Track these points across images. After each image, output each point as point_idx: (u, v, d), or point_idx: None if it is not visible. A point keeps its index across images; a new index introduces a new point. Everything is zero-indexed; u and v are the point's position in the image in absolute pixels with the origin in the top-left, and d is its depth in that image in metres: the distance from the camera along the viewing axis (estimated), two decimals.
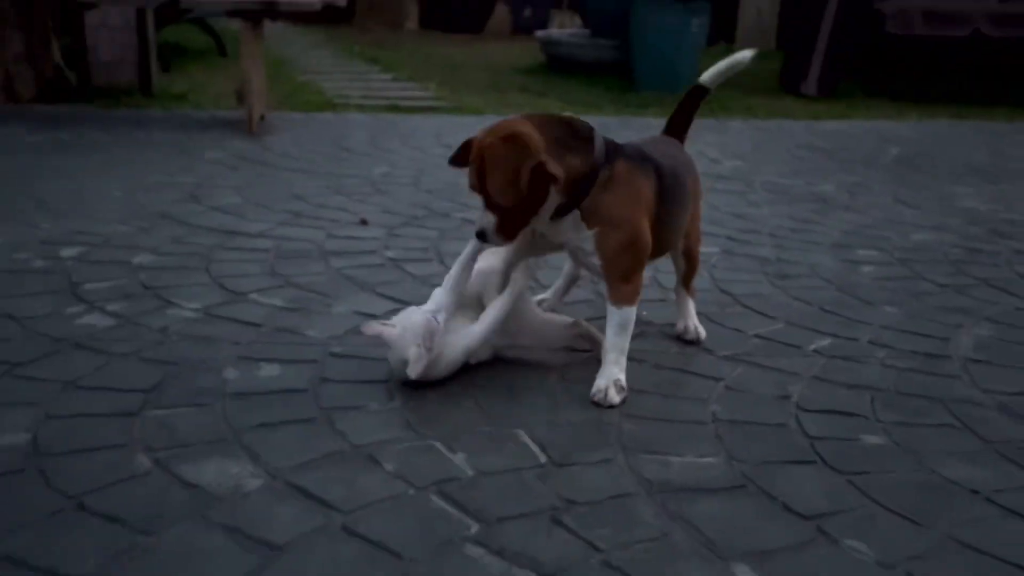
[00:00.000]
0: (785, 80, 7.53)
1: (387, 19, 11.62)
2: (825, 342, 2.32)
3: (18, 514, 1.47)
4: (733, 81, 2.54)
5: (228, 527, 1.46)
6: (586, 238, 1.95)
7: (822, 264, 2.96)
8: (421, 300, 2.03)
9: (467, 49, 9.73)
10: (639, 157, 1.99)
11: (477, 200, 1.94)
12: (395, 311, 2.35)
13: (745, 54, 2.27)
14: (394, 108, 5.76)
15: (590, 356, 2.14)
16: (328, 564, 1.38)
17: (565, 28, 10.32)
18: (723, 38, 10.83)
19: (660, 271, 2.80)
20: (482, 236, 1.92)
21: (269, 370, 2.02)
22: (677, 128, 2.31)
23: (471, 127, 5.20)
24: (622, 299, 1.97)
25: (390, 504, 1.54)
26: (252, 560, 1.38)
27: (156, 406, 1.83)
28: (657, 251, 2.07)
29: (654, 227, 1.99)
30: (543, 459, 1.71)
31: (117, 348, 2.09)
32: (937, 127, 6.05)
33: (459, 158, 1.96)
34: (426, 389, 1.96)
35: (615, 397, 1.93)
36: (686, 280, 2.34)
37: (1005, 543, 1.51)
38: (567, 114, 1.97)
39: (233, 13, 4.72)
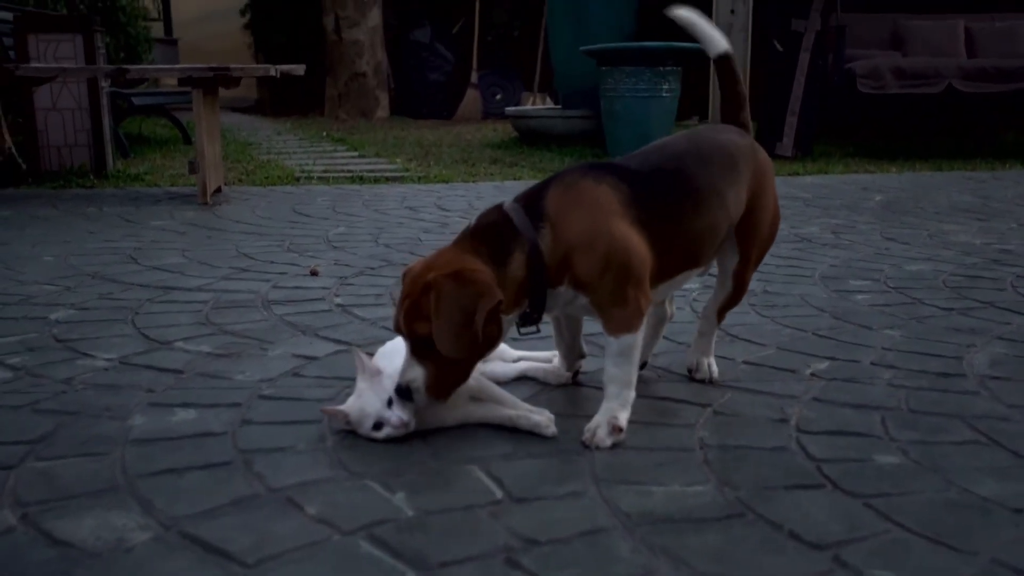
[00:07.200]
0: (760, 144, 7.43)
1: (358, 108, 11.56)
2: (823, 365, 2.06)
3: None
4: None
5: None
6: (562, 293, 1.60)
7: (812, 294, 2.71)
8: (367, 342, 1.74)
9: (438, 131, 9.63)
10: (579, 171, 1.62)
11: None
12: (337, 354, 2.10)
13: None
14: (359, 179, 5.56)
15: (555, 391, 1.88)
16: None
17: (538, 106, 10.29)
18: (696, 113, 10.84)
19: None
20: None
21: (183, 415, 1.74)
22: (730, 109, 1.97)
23: (440, 193, 5.04)
24: (618, 327, 1.60)
25: (307, 552, 1.25)
26: None
27: (39, 457, 1.54)
28: (670, 265, 1.69)
29: (643, 236, 1.60)
30: (499, 495, 1.42)
31: (7, 400, 1.80)
32: (919, 177, 5.89)
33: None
34: None
35: (605, 439, 1.59)
36: (720, 308, 1.94)
37: None
38: (472, 221, 1.60)
39: (185, 81, 4.55)
